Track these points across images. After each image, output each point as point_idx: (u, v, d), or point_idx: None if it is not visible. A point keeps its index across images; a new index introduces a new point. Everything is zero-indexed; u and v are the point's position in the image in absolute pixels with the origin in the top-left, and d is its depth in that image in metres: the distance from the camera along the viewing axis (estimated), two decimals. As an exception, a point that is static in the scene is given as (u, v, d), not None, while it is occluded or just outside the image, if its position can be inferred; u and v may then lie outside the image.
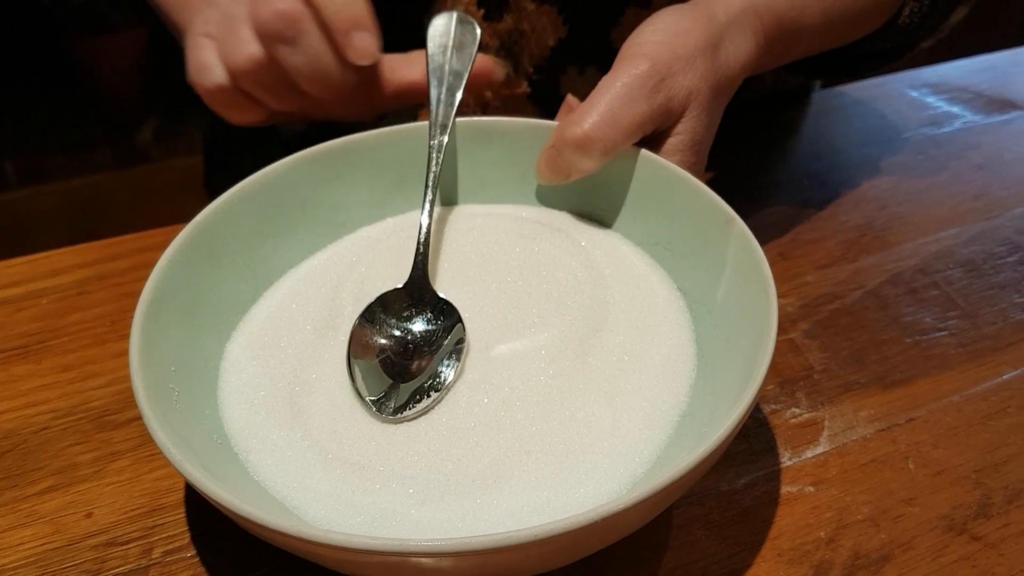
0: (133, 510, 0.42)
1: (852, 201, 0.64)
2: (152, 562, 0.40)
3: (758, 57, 0.50)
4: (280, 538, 0.30)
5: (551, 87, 0.63)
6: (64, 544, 0.41)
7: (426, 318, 0.43)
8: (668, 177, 0.46)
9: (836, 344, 0.51)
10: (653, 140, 0.47)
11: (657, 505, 0.34)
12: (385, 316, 0.43)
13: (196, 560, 0.40)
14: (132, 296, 0.40)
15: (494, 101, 0.63)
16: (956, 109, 0.75)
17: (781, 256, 0.58)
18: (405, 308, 0.43)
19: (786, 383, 0.49)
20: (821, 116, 0.76)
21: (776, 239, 0.60)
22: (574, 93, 0.49)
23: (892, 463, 0.44)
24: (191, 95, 0.51)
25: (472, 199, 0.52)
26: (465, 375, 0.41)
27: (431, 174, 0.47)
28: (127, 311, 0.39)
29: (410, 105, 0.54)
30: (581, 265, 0.45)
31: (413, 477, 0.37)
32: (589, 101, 0.45)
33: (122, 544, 0.41)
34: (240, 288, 0.46)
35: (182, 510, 0.42)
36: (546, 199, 0.51)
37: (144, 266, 0.56)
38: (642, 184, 0.47)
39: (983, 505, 0.42)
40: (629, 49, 0.46)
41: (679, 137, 0.47)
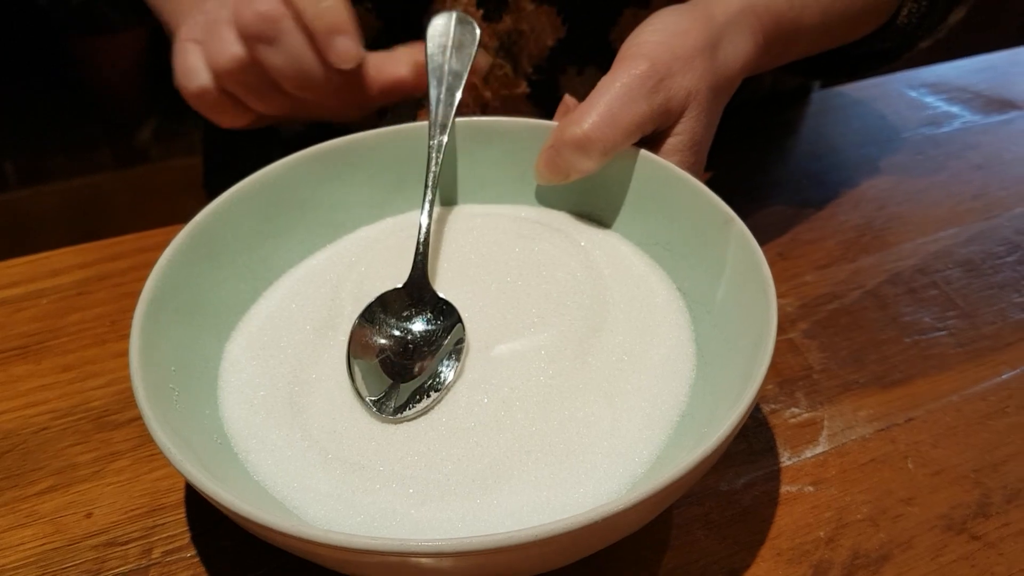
0: (133, 510, 0.42)
1: (851, 201, 0.64)
2: (152, 562, 0.40)
3: (757, 57, 0.50)
4: (280, 538, 0.30)
5: (550, 87, 0.63)
6: (64, 544, 0.41)
7: (426, 318, 0.43)
8: (667, 177, 0.46)
9: (835, 344, 0.51)
10: (652, 140, 0.47)
11: (657, 505, 0.34)
12: (385, 316, 0.43)
13: (196, 560, 0.40)
14: (132, 296, 0.40)
15: (493, 101, 0.64)
16: (955, 109, 0.75)
17: (780, 256, 0.58)
18: (405, 308, 0.43)
19: (785, 383, 0.49)
20: (820, 116, 0.76)
21: (775, 239, 0.60)
22: (573, 93, 0.49)
23: (891, 463, 0.44)
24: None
25: (471, 199, 0.52)
26: (465, 375, 0.41)
27: (431, 174, 0.47)
28: (127, 311, 0.39)
29: (396, 102, 0.54)
30: (580, 265, 0.45)
31: (413, 477, 0.37)
32: (588, 101, 0.45)
33: (122, 544, 0.41)
34: (240, 288, 0.46)
35: (182, 510, 0.42)
36: (545, 199, 0.51)
37: (144, 266, 0.56)
38: (641, 184, 0.47)
39: (982, 504, 0.42)
40: (628, 49, 0.46)
41: (678, 137, 0.47)
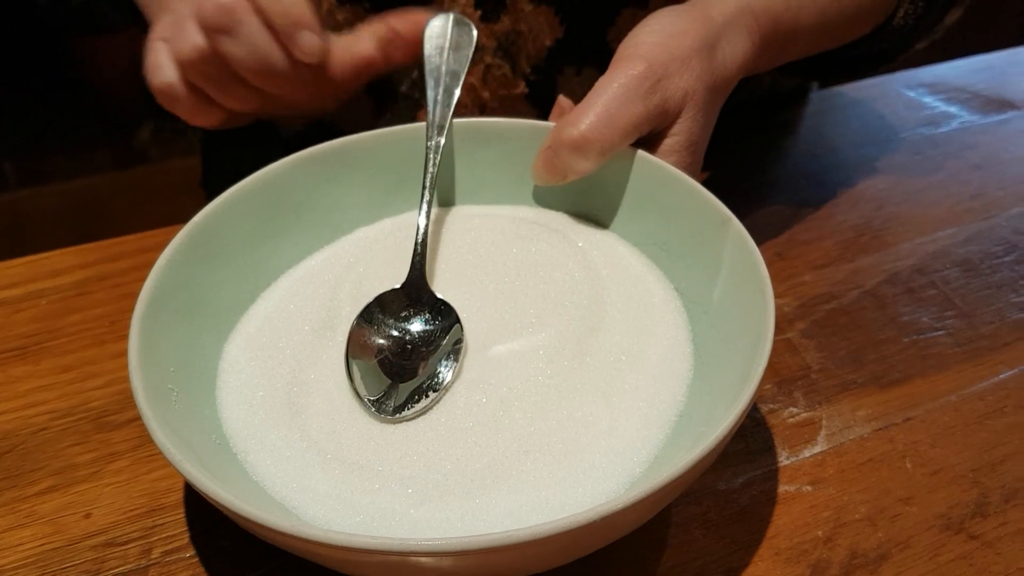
0: (132, 510, 0.42)
1: (849, 201, 0.64)
2: (151, 562, 0.40)
3: (754, 58, 0.50)
4: (280, 538, 0.30)
5: (548, 87, 0.63)
6: (63, 544, 0.41)
7: (424, 318, 0.43)
8: (664, 178, 0.46)
9: (833, 344, 0.51)
10: (649, 141, 0.47)
11: (655, 504, 0.34)
12: (383, 316, 0.43)
13: (195, 560, 0.40)
14: (131, 297, 0.40)
15: (492, 101, 0.64)
16: (953, 109, 0.75)
17: (778, 256, 0.58)
18: (403, 308, 0.43)
19: (783, 383, 0.49)
20: (819, 116, 0.76)
21: (773, 239, 0.60)
22: (571, 93, 0.49)
23: (889, 462, 0.44)
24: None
25: (469, 200, 0.52)
26: (463, 375, 0.41)
27: (428, 175, 0.47)
28: (126, 312, 0.39)
29: (368, 82, 0.52)
30: (578, 265, 0.45)
31: (412, 477, 0.37)
32: (586, 102, 0.45)
33: (121, 544, 0.41)
34: (238, 289, 0.46)
35: (181, 510, 0.42)
36: (543, 200, 0.51)
37: (143, 267, 0.56)
38: (639, 185, 0.47)
39: (980, 504, 0.42)
40: (625, 50, 0.47)
41: (675, 138, 0.47)
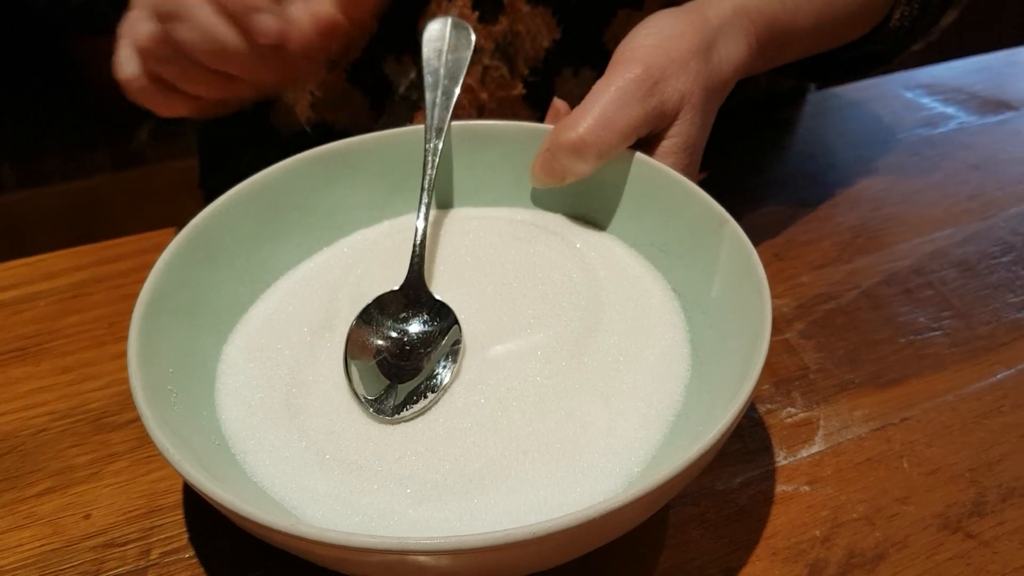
0: (131, 511, 0.42)
1: (847, 202, 0.64)
2: (150, 563, 0.40)
3: (751, 60, 0.50)
4: (279, 537, 0.30)
5: (546, 88, 0.63)
6: (62, 545, 0.41)
7: (423, 319, 0.43)
8: (662, 179, 0.46)
9: (831, 344, 0.51)
10: (647, 143, 0.47)
11: (653, 503, 0.34)
12: (382, 318, 0.43)
13: (194, 561, 0.40)
14: (130, 298, 0.40)
15: (490, 103, 0.64)
16: (951, 110, 0.75)
17: (776, 257, 0.58)
18: (402, 310, 0.43)
19: (781, 383, 0.49)
20: (816, 117, 0.76)
21: (771, 239, 0.60)
22: (569, 94, 0.49)
23: (887, 462, 0.44)
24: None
25: (468, 202, 0.52)
26: (462, 376, 0.41)
27: (427, 177, 0.47)
28: (125, 313, 0.39)
29: (338, 51, 0.50)
30: (576, 267, 0.45)
31: (410, 477, 0.37)
32: (583, 105, 0.45)
33: (120, 545, 0.41)
34: (237, 290, 0.46)
35: (180, 511, 0.42)
36: (541, 202, 0.51)
37: (142, 268, 0.56)
38: (636, 186, 0.47)
39: (977, 503, 0.42)
40: (623, 53, 0.47)
41: (673, 140, 0.47)
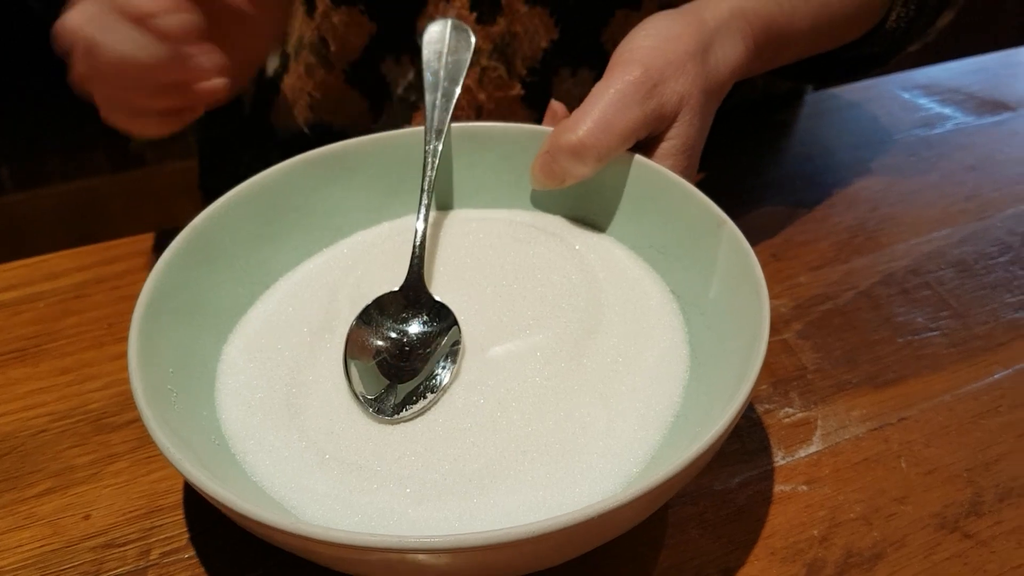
0: (131, 512, 0.42)
1: (845, 202, 0.64)
2: (150, 563, 0.40)
3: (748, 62, 0.50)
4: (279, 536, 0.31)
5: (544, 89, 0.63)
6: (62, 546, 0.41)
7: (422, 320, 0.43)
8: (661, 181, 0.46)
9: (829, 344, 0.51)
10: (646, 145, 0.48)
11: (652, 503, 0.34)
12: (382, 318, 0.43)
13: (194, 561, 0.40)
14: (129, 299, 0.40)
15: (488, 103, 0.64)
16: (948, 111, 0.76)
17: (774, 257, 0.58)
18: (401, 310, 0.44)
19: (779, 383, 0.49)
20: (814, 118, 0.76)
21: (769, 240, 0.60)
22: (567, 94, 0.49)
23: (884, 462, 0.44)
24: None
25: (467, 203, 0.52)
26: (461, 376, 0.41)
27: (426, 179, 0.47)
28: (124, 314, 0.39)
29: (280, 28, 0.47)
30: (575, 268, 0.46)
31: (410, 477, 0.37)
32: (583, 108, 0.45)
33: (120, 545, 0.41)
34: (237, 291, 0.46)
35: (180, 511, 0.42)
36: (541, 203, 0.51)
37: (141, 269, 0.57)
38: (635, 188, 0.47)
39: (974, 503, 0.42)
40: (621, 55, 0.47)
41: (671, 142, 0.47)
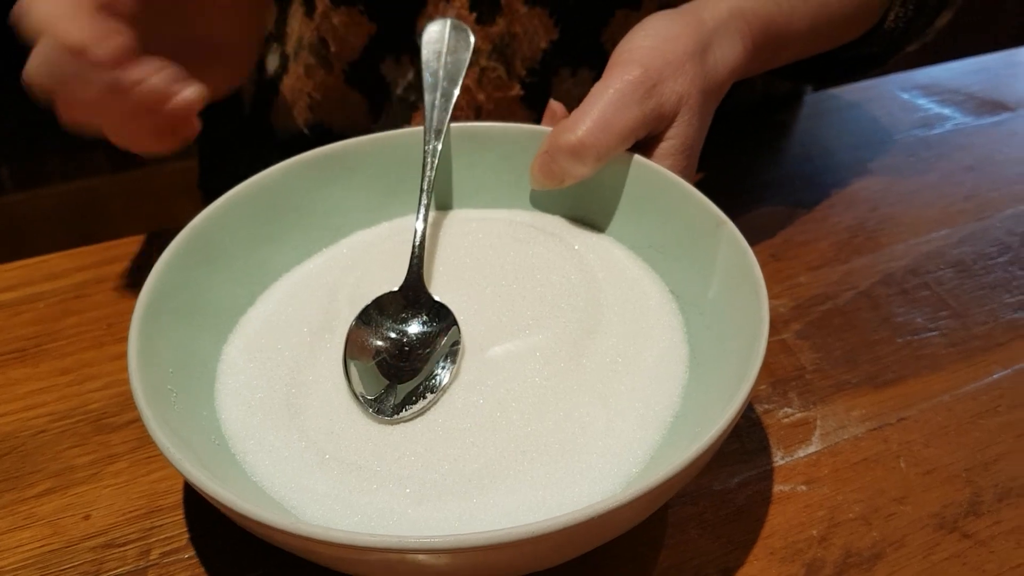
0: (131, 512, 0.43)
1: (844, 202, 0.64)
2: (150, 563, 0.40)
3: (746, 62, 0.50)
4: (279, 536, 0.31)
5: (544, 89, 0.64)
6: (62, 546, 0.41)
7: (422, 320, 0.43)
8: (660, 181, 0.46)
9: (828, 344, 0.51)
10: (645, 144, 0.48)
11: (651, 503, 0.34)
12: (381, 319, 0.43)
13: (194, 561, 0.40)
14: (129, 299, 0.40)
15: (487, 104, 0.64)
16: (947, 111, 0.76)
17: (773, 257, 0.58)
18: (401, 311, 0.44)
19: (778, 383, 0.49)
20: (813, 118, 0.76)
21: (768, 240, 0.60)
22: (566, 95, 0.49)
23: (883, 462, 0.44)
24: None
25: (467, 204, 0.52)
26: (461, 377, 0.41)
27: (426, 179, 0.47)
28: (124, 314, 0.39)
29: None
30: (574, 268, 0.46)
31: (410, 477, 0.37)
32: (582, 108, 0.45)
33: (120, 545, 0.41)
34: (237, 291, 0.46)
35: (180, 512, 0.42)
36: (540, 203, 0.51)
37: (141, 269, 0.57)
38: (634, 188, 0.48)
39: (973, 503, 0.42)
40: (620, 55, 0.47)
41: (670, 141, 0.47)
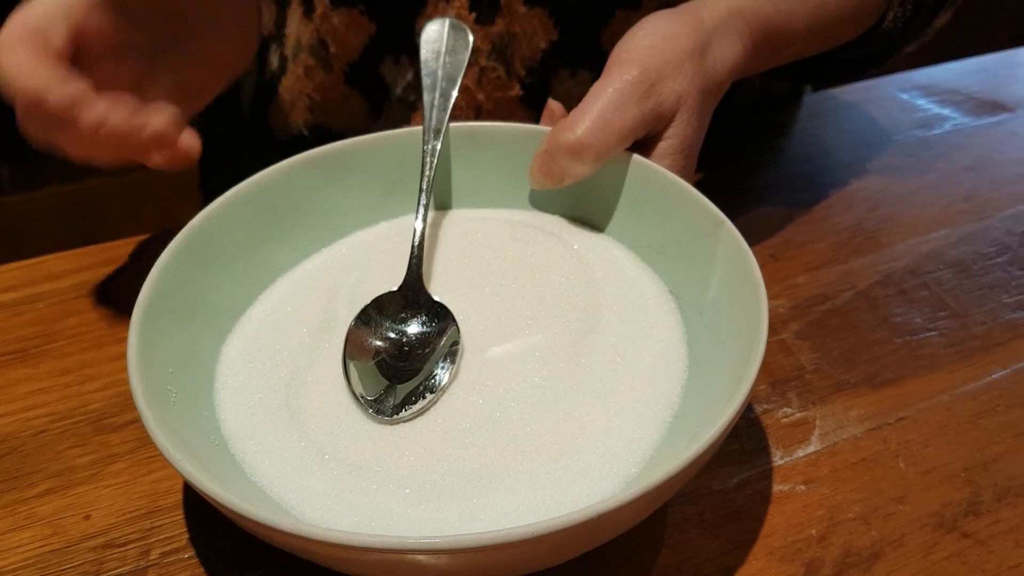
0: (131, 512, 0.43)
1: (843, 203, 0.64)
2: (150, 563, 0.40)
3: (745, 61, 0.51)
4: (279, 536, 0.31)
5: (543, 89, 0.64)
6: (63, 546, 0.41)
7: (421, 320, 0.43)
8: (659, 181, 0.46)
9: (827, 344, 0.52)
10: (644, 144, 0.48)
11: (651, 503, 0.34)
12: (380, 319, 0.43)
13: (194, 561, 0.40)
14: (129, 300, 0.40)
15: (487, 104, 0.64)
16: (946, 111, 0.76)
17: (773, 258, 0.58)
18: (400, 311, 0.44)
19: (777, 383, 0.49)
20: (812, 119, 0.76)
21: (768, 240, 0.60)
22: (566, 95, 0.49)
23: (882, 462, 0.44)
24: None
25: (466, 203, 0.52)
26: (460, 377, 0.41)
27: (425, 178, 0.47)
28: (124, 315, 0.39)
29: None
30: (574, 268, 0.46)
31: (409, 477, 0.37)
32: (581, 107, 0.45)
33: (120, 546, 0.41)
34: (236, 291, 0.46)
35: (180, 512, 0.42)
36: (539, 203, 0.51)
37: (141, 270, 0.56)
38: (633, 188, 0.48)
39: (972, 503, 0.42)
40: (619, 55, 0.47)
41: (669, 141, 0.47)
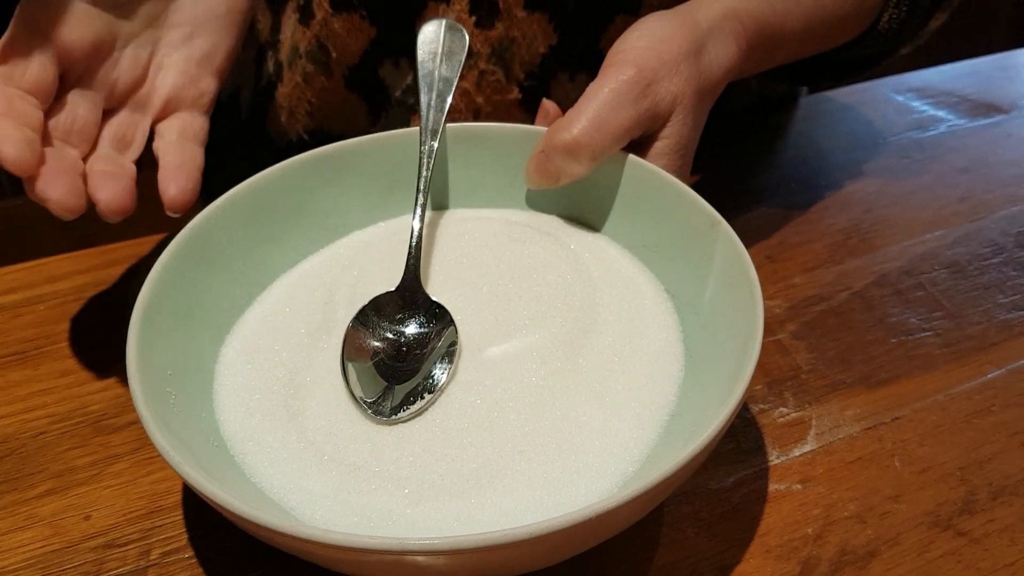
0: (131, 512, 0.43)
1: (839, 204, 0.64)
2: (150, 563, 0.40)
3: (740, 62, 0.51)
4: (278, 538, 0.31)
5: (542, 93, 0.64)
6: (63, 546, 0.41)
7: (419, 321, 0.43)
8: (655, 181, 0.46)
9: (823, 345, 0.52)
10: (640, 144, 0.48)
11: (648, 503, 0.34)
12: (378, 319, 0.43)
13: (194, 561, 0.40)
14: (128, 301, 0.40)
15: (486, 107, 0.64)
16: (941, 113, 0.76)
17: (768, 259, 0.59)
18: (398, 311, 0.44)
19: (774, 383, 0.49)
20: (808, 120, 0.76)
21: (764, 241, 0.60)
22: (565, 99, 0.50)
23: (878, 461, 0.45)
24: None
25: (463, 203, 0.52)
26: (458, 377, 0.41)
27: (422, 179, 0.47)
28: (123, 316, 0.39)
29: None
30: (570, 268, 0.46)
31: (408, 478, 0.37)
32: (577, 107, 0.45)
33: (120, 546, 0.41)
34: (234, 292, 0.46)
35: (180, 512, 0.43)
36: (535, 203, 0.52)
37: (140, 271, 0.57)
38: (629, 188, 0.48)
39: (968, 501, 0.43)
40: (615, 56, 0.47)
41: (665, 141, 0.47)
